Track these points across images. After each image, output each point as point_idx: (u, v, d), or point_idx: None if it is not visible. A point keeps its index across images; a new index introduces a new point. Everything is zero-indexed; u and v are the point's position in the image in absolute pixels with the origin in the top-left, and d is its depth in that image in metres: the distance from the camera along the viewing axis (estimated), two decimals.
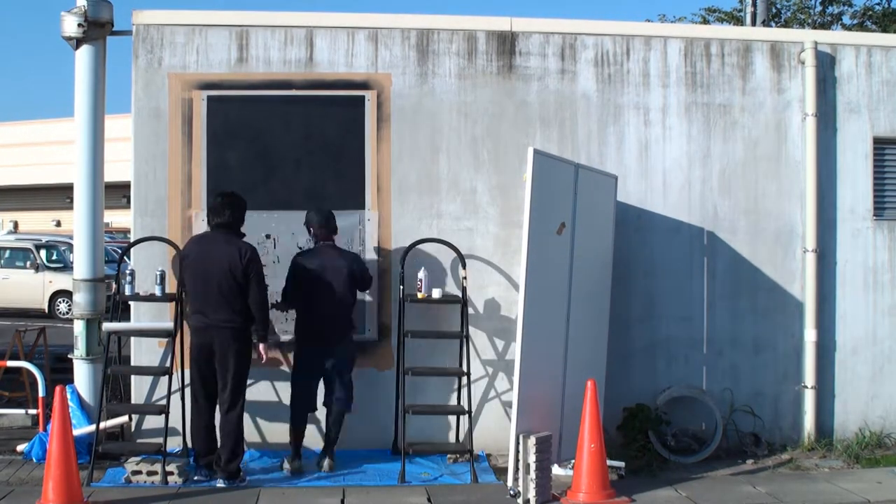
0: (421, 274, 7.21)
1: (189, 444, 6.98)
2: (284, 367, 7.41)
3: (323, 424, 7.19)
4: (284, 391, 7.38)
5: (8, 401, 8.46)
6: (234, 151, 7.46)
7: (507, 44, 7.69)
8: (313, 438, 7.34)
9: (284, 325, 7.37)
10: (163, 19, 7.44)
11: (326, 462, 6.91)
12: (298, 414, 6.97)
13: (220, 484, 6.51)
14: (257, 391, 7.38)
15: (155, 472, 6.54)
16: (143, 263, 7.33)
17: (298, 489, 6.52)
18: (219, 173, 7.40)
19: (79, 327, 7.36)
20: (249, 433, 7.38)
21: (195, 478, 6.62)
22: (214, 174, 7.40)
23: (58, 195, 30.76)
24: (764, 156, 7.92)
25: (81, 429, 7.00)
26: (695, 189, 7.86)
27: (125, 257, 7.69)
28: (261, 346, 6.71)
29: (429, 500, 6.31)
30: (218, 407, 6.66)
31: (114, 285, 7.32)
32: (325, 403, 7.06)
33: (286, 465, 6.88)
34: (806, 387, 7.86)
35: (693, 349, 7.85)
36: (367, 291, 7.44)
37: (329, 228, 7.04)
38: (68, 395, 6.59)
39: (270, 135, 7.49)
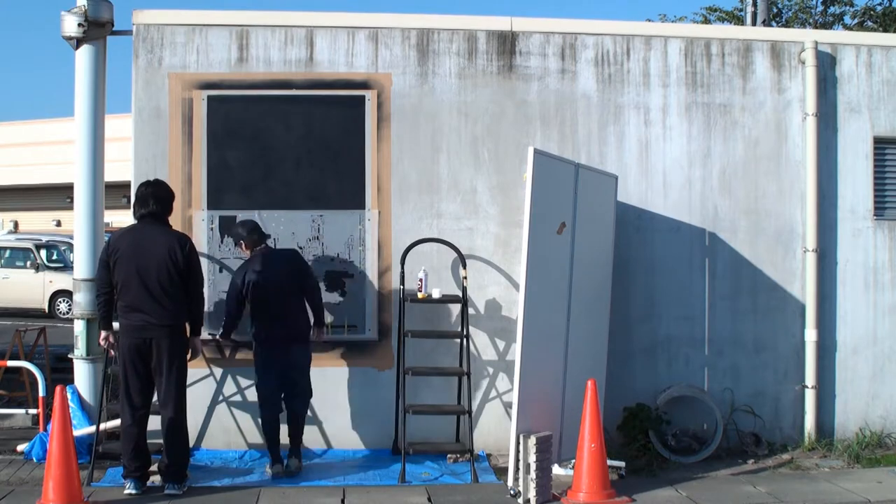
0: (421, 273, 7.22)
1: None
2: None
3: (324, 426, 7.19)
4: None
5: (8, 401, 8.47)
6: (234, 151, 7.46)
7: (507, 43, 7.69)
8: (314, 438, 7.35)
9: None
10: (163, 19, 7.44)
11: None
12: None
13: (171, 491, 6.24)
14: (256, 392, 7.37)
15: (155, 472, 6.53)
16: None
17: (298, 489, 6.52)
18: (219, 173, 7.41)
19: (79, 327, 7.36)
20: (250, 433, 7.39)
21: (128, 492, 6.21)
22: (214, 174, 7.40)
23: (58, 195, 30.74)
24: (764, 155, 7.92)
25: (82, 429, 7.00)
26: (695, 189, 7.86)
27: None
28: (197, 341, 6.50)
29: (429, 499, 6.30)
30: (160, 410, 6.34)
31: None
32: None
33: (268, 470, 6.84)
34: (806, 386, 7.86)
35: (693, 349, 7.84)
36: (367, 291, 7.44)
37: (260, 235, 7.00)
38: (69, 395, 6.59)
39: (271, 134, 7.48)
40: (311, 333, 6.97)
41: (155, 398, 6.41)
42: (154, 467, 6.44)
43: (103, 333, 6.45)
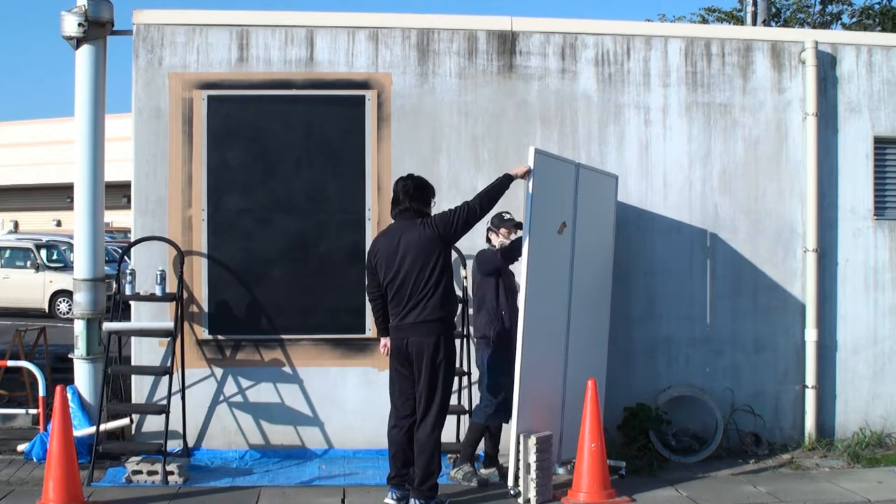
0: None
1: (188, 445, 6.97)
2: (286, 368, 7.41)
3: (324, 426, 7.18)
4: (285, 392, 7.39)
5: (8, 400, 8.46)
6: (234, 151, 7.46)
7: (507, 43, 7.69)
8: (314, 438, 7.36)
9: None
10: (163, 19, 7.44)
11: None
12: None
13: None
14: (259, 392, 7.38)
15: (155, 472, 6.54)
16: (143, 263, 7.33)
17: (299, 489, 6.52)
18: (219, 173, 7.41)
19: (79, 327, 7.36)
20: (250, 433, 7.39)
21: (386, 501, 5.96)
22: (215, 174, 7.40)
23: (58, 195, 30.78)
24: (764, 155, 7.92)
25: (82, 429, 6.99)
26: (695, 188, 7.86)
27: (126, 257, 7.70)
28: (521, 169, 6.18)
29: None
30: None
31: (114, 285, 7.33)
32: None
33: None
34: (807, 386, 7.85)
35: (694, 349, 7.84)
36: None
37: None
38: (69, 395, 6.60)
39: (271, 134, 7.48)
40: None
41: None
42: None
43: (382, 340, 6.15)
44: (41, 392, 7.46)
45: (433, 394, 5.89)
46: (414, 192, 6.06)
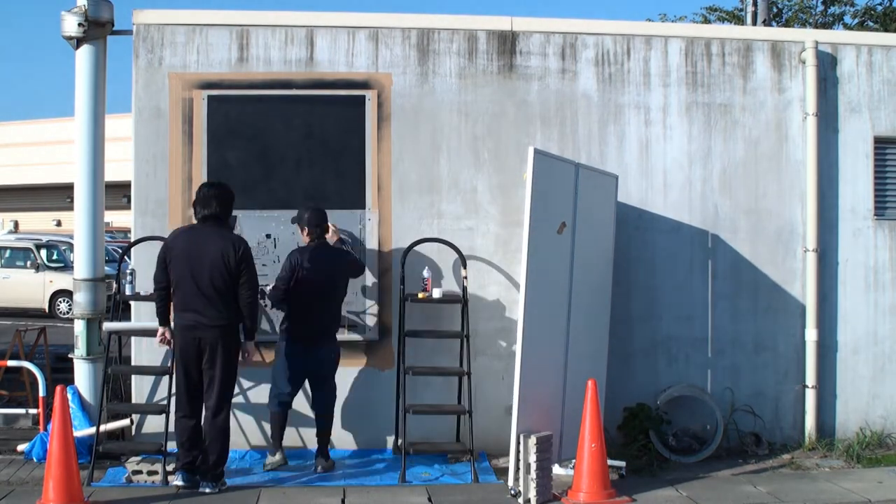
0: (426, 273, 7.23)
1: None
2: None
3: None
4: None
5: (8, 400, 8.46)
6: (234, 151, 7.46)
7: (507, 43, 7.69)
8: (315, 438, 7.34)
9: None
10: (163, 19, 7.44)
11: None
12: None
13: (207, 489, 6.32)
14: (258, 393, 7.37)
15: (155, 472, 6.54)
16: (143, 263, 7.32)
17: (299, 489, 6.52)
18: (219, 173, 7.39)
19: (79, 327, 7.36)
20: (251, 433, 7.39)
21: (176, 483, 6.38)
22: (215, 174, 7.39)
23: (58, 195, 30.77)
24: (765, 155, 7.92)
25: (82, 430, 6.99)
26: (695, 188, 7.86)
27: (126, 257, 7.69)
28: (250, 346, 6.51)
29: (429, 499, 6.31)
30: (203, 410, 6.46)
31: (114, 285, 7.33)
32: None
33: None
34: (807, 386, 7.85)
35: (694, 349, 7.84)
36: (368, 291, 7.45)
37: (322, 229, 7.01)
38: (69, 396, 6.60)
39: (271, 134, 7.48)
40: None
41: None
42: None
43: (161, 329, 6.52)
44: (41, 392, 7.46)
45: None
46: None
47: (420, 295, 7.20)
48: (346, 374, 7.44)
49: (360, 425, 7.44)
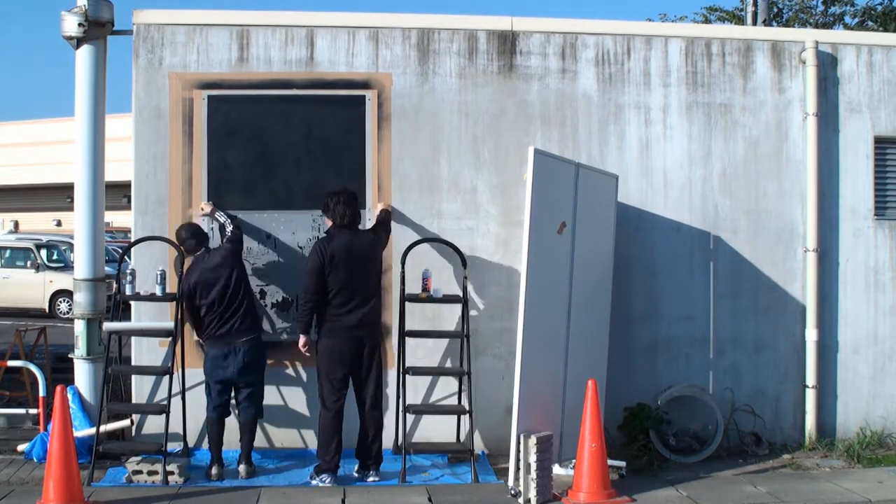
0: (426, 273, 7.22)
1: (189, 445, 6.97)
2: (289, 370, 7.41)
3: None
4: (287, 393, 7.38)
5: (9, 400, 8.46)
6: (234, 151, 7.46)
7: (507, 43, 7.69)
8: (315, 439, 7.35)
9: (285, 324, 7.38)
10: (163, 19, 7.44)
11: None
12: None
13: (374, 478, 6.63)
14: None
15: (156, 472, 6.54)
16: (143, 263, 7.33)
17: (299, 489, 6.52)
18: (219, 173, 7.40)
19: (79, 327, 7.36)
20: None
21: (325, 484, 6.53)
22: (215, 174, 7.40)
23: (58, 195, 30.78)
24: (765, 155, 7.92)
25: (83, 430, 6.99)
26: (696, 188, 7.86)
27: (126, 257, 7.69)
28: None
29: (429, 499, 6.30)
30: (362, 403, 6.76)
31: (114, 285, 7.32)
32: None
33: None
34: (807, 386, 7.85)
35: (694, 348, 7.84)
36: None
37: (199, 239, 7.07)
38: (69, 396, 6.59)
39: (271, 134, 7.48)
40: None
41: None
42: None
43: (303, 339, 6.70)
44: (41, 392, 7.46)
45: None
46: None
47: (420, 295, 7.20)
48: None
49: (359, 425, 7.43)
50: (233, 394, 6.90)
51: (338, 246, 6.62)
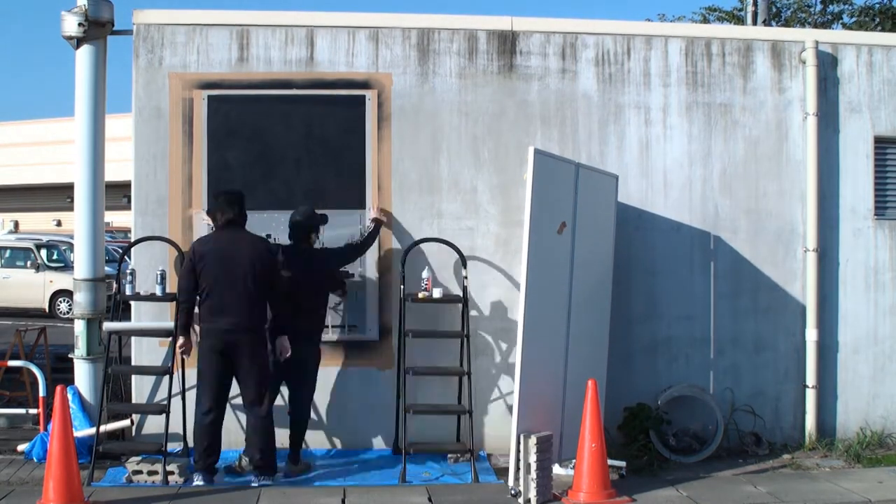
0: (426, 273, 7.22)
1: (189, 445, 6.97)
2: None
3: (325, 426, 7.19)
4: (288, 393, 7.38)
5: (9, 400, 8.46)
6: (234, 151, 7.46)
7: (507, 43, 7.69)
8: (316, 439, 7.35)
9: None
10: (163, 19, 7.44)
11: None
12: None
13: (265, 483, 6.50)
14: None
15: (156, 472, 6.54)
16: (143, 263, 7.33)
17: (299, 489, 6.52)
18: (219, 173, 7.40)
19: (79, 327, 7.36)
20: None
21: (196, 484, 6.45)
22: (215, 174, 7.40)
23: (58, 195, 30.78)
24: (765, 155, 7.92)
25: (83, 430, 6.99)
26: (696, 188, 7.86)
27: (126, 257, 7.69)
28: (285, 341, 6.65)
29: (430, 499, 6.30)
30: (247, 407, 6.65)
31: (114, 285, 7.32)
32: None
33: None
34: (807, 386, 7.85)
35: (694, 348, 7.84)
36: (368, 291, 7.45)
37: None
38: (69, 396, 6.59)
39: (271, 134, 7.48)
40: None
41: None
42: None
43: (181, 340, 6.59)
44: (41, 392, 7.46)
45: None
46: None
47: (420, 295, 7.20)
48: (346, 375, 7.46)
49: (360, 425, 7.44)
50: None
51: (211, 247, 6.51)
